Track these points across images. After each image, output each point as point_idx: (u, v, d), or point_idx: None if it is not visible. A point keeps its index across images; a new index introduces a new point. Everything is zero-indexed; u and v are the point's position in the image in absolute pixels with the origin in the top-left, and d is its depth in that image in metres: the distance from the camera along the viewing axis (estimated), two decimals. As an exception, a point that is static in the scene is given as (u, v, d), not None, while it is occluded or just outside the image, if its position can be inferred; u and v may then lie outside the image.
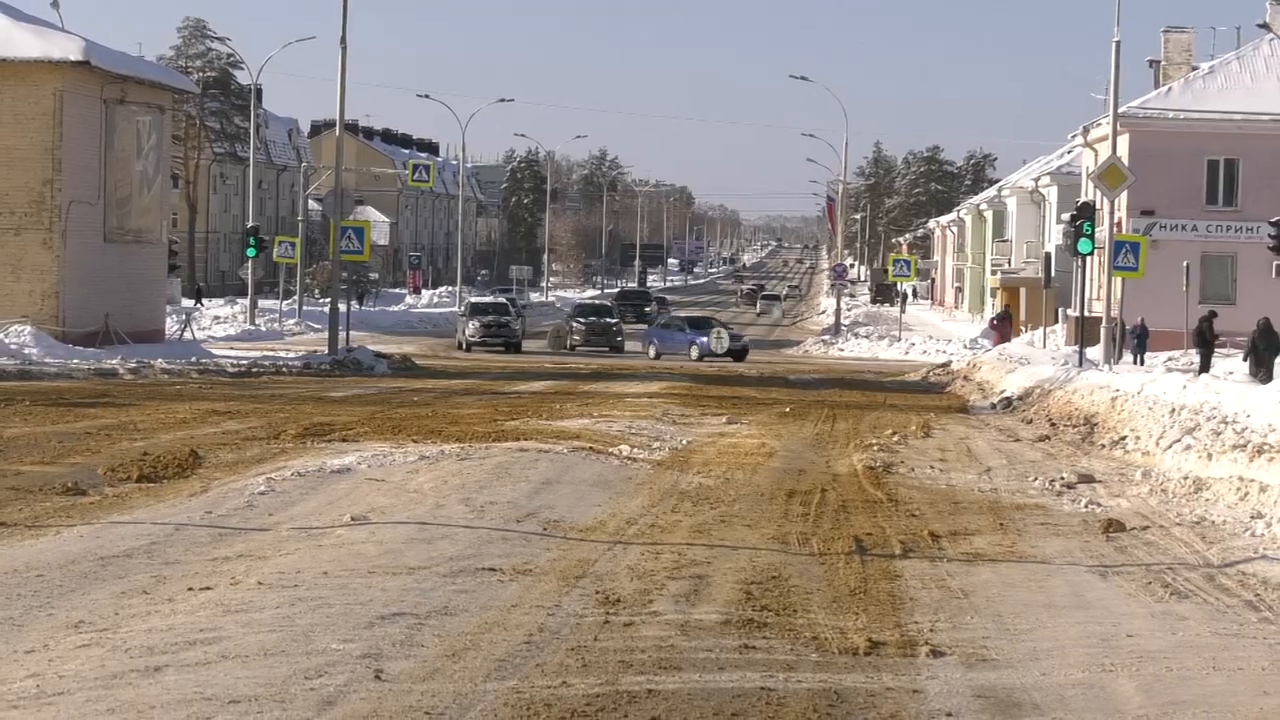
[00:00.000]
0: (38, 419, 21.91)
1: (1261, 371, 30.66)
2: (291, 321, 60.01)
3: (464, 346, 52.04)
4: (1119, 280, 37.42)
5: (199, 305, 64.07)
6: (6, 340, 34.20)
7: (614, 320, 59.43)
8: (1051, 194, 69.62)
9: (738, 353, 54.46)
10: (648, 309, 76.20)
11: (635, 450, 20.08)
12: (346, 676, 7.56)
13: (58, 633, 8.46)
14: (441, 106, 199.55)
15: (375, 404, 27.59)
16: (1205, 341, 36.66)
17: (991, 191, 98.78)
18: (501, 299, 66.15)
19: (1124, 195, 40.58)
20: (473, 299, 65.57)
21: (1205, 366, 33.63)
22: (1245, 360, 32.26)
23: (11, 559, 10.75)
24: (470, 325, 53.70)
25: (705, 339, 54.23)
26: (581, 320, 58.76)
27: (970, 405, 33.24)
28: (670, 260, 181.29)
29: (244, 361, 39.15)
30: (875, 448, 21.60)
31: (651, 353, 55.96)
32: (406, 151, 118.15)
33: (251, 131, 70.19)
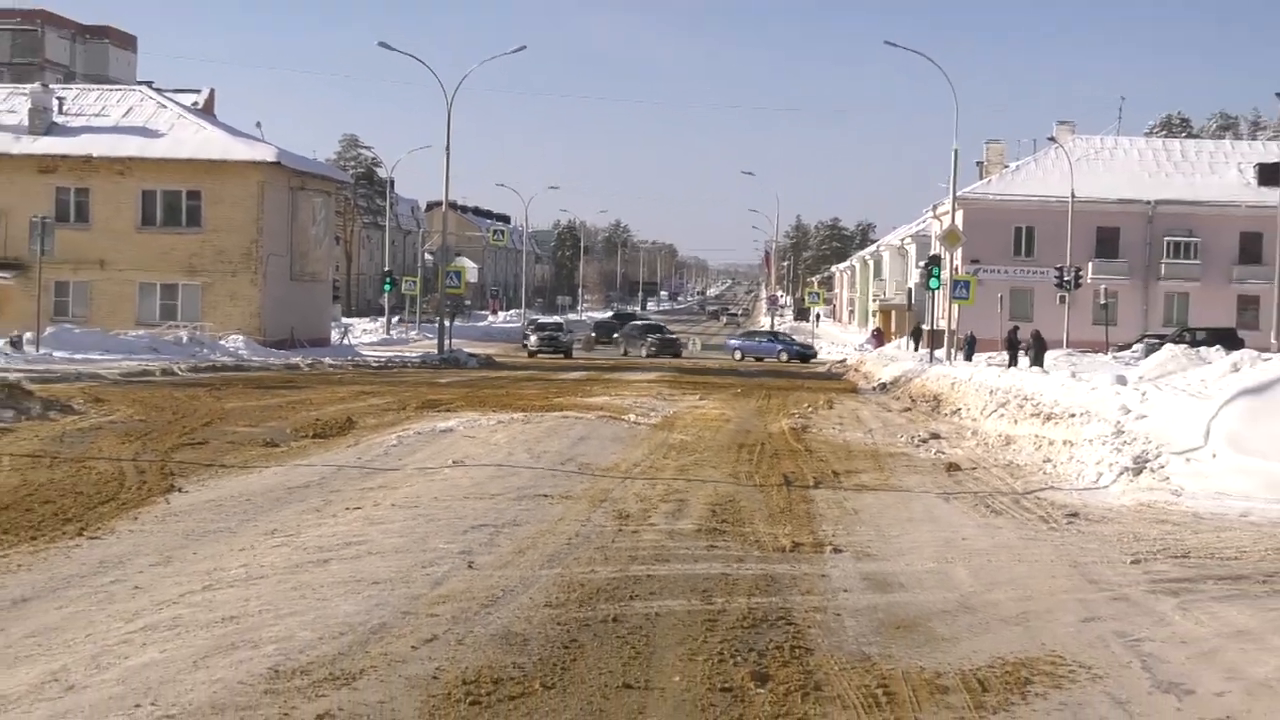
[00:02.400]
0: (247, 396, 26.30)
1: (1016, 362, 39.98)
2: (413, 332, 72.22)
3: (530, 354, 57.99)
4: (956, 306, 47.25)
5: (351, 322, 76.88)
6: (228, 345, 42.65)
7: (565, 332, 65.72)
8: (912, 249, 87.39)
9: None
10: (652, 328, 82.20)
11: (638, 417, 24.00)
12: (449, 566, 9.77)
13: (259, 537, 10.90)
14: (512, 192, 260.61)
15: (468, 387, 33.03)
16: (1012, 346, 45.56)
17: (872, 248, 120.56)
18: (558, 319, 79.81)
19: (959, 250, 51.76)
20: (538, 320, 76.60)
21: (1013, 362, 41.79)
22: (1027, 355, 42.39)
23: (229, 488, 13.79)
24: (534, 338, 61.54)
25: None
26: (539, 333, 63.90)
27: (859, 388, 41.06)
28: (662, 292, 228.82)
29: (382, 359, 48.21)
30: (796, 415, 26.18)
31: (620, 350, 68.66)
32: (489, 221, 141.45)
33: (387, 209, 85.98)
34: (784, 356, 66.63)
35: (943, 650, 7.77)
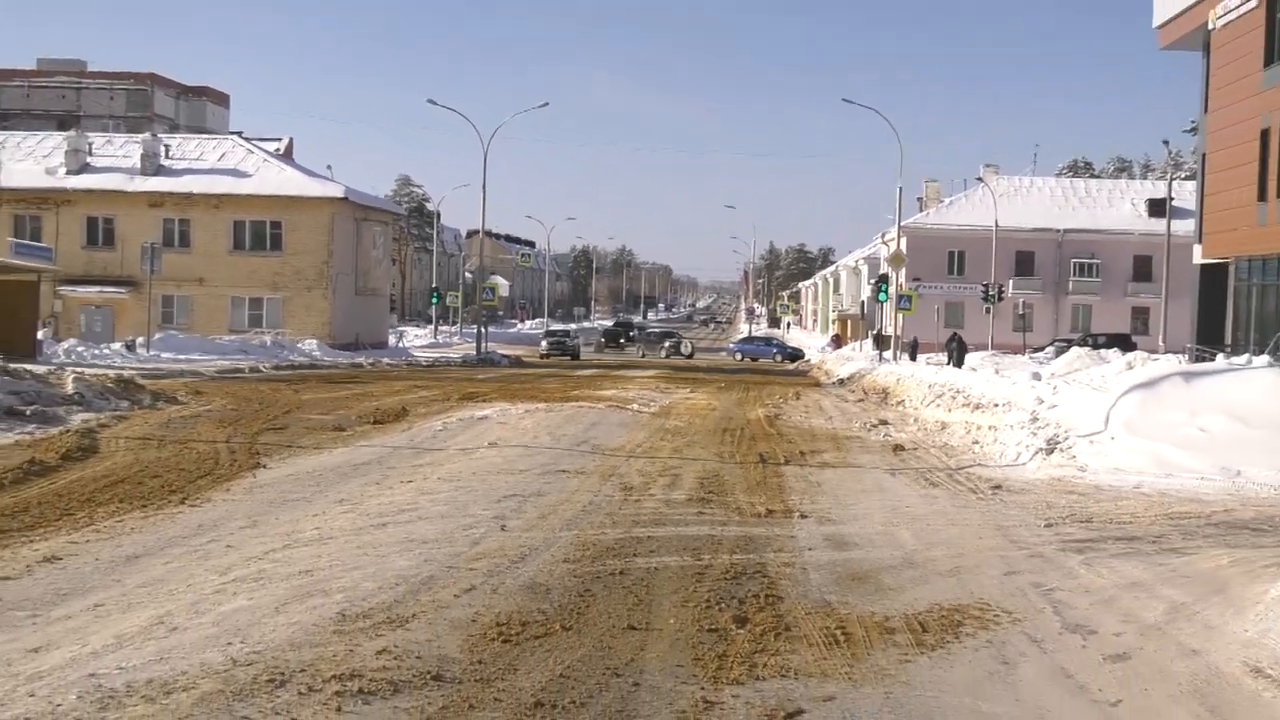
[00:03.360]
0: (319, 390, 26.74)
1: (959, 363, 38.61)
2: (455, 337, 71.50)
3: (542, 356, 56.66)
4: (901, 315, 47.58)
5: (404, 328, 76.50)
6: (303, 347, 43.41)
7: (573, 337, 64.06)
8: (864, 269, 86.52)
9: (685, 353, 66.20)
10: (631, 332, 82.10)
11: (640, 407, 23.99)
12: (485, 529, 9.81)
13: (329, 505, 10.96)
14: (537, 222, 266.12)
15: (500, 382, 32.72)
16: (950, 349, 44.17)
17: (832, 268, 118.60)
18: (567, 328, 79.35)
19: (903, 270, 52.49)
20: (548, 328, 77.07)
21: (950, 361, 40.01)
22: (954, 356, 41.24)
23: (304, 465, 13.85)
24: (545, 343, 60.38)
25: (669, 345, 67.55)
26: (549, 339, 62.78)
27: (821, 383, 40.29)
28: (660, 304, 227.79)
29: (429, 359, 48.24)
30: (770, 406, 26.20)
31: (638, 353, 67.32)
32: (518, 245, 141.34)
33: (434, 236, 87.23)
34: (778, 357, 64.75)
35: (890, 598, 7.78)
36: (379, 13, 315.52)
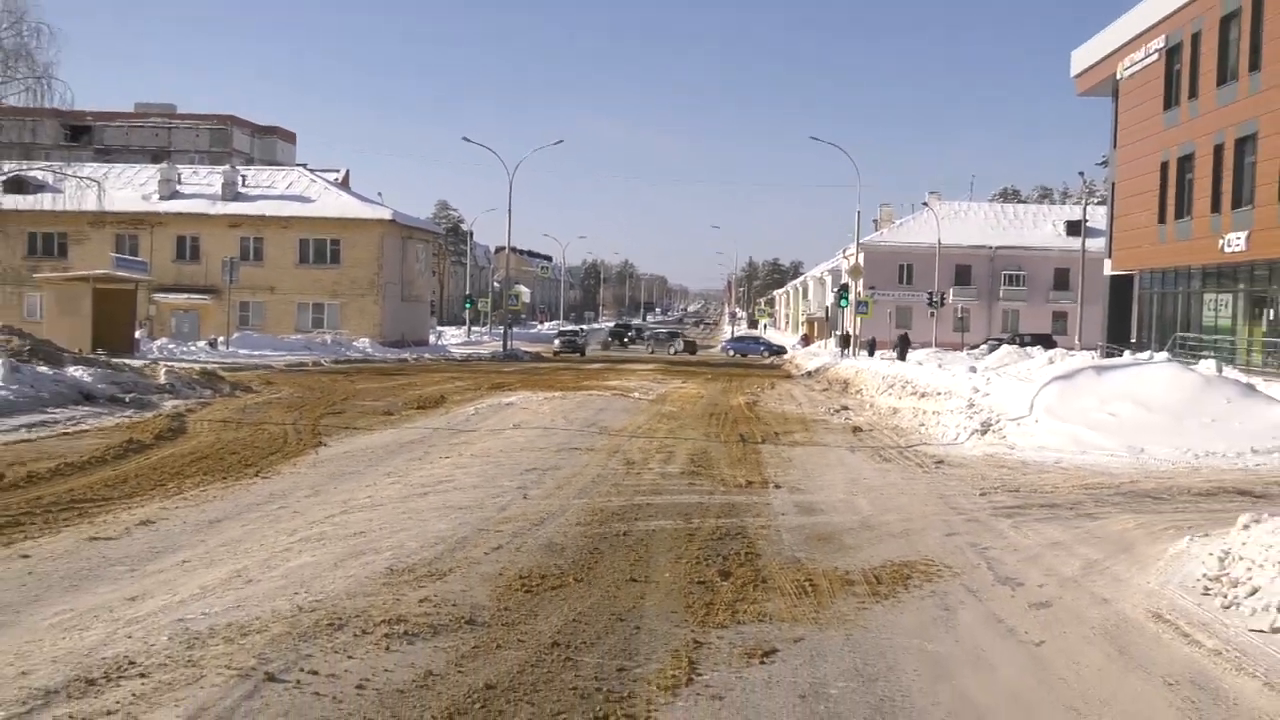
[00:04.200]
0: (371, 380, 26.57)
1: (902, 357, 39.53)
2: (485, 337, 70.87)
3: (555, 353, 55.60)
4: (859, 318, 48.87)
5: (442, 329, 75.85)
6: (358, 345, 43.16)
7: (582, 336, 62.86)
8: (829, 279, 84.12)
9: (691, 349, 64.47)
10: (631, 332, 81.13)
11: (640, 395, 23.82)
12: (510, 497, 9.76)
13: (379, 477, 10.93)
14: (554, 239, 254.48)
15: (523, 374, 32.11)
16: (899, 346, 45.14)
17: (801, 278, 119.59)
18: (576, 328, 77.71)
19: (861, 280, 51.32)
20: (560, 328, 76.73)
21: (899, 357, 40.79)
22: (899, 351, 42.41)
23: (359, 443, 13.72)
24: (557, 342, 59.00)
25: (674, 344, 65.02)
26: (560, 338, 61.51)
27: (792, 375, 39.47)
28: (657, 309, 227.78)
29: (464, 354, 48.12)
30: (749, 394, 26.02)
31: (647, 350, 64.95)
32: (538, 259, 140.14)
33: (468, 252, 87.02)
34: (765, 354, 62.41)
35: (850, 555, 7.77)
36: (425, 63, 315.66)
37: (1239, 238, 30.54)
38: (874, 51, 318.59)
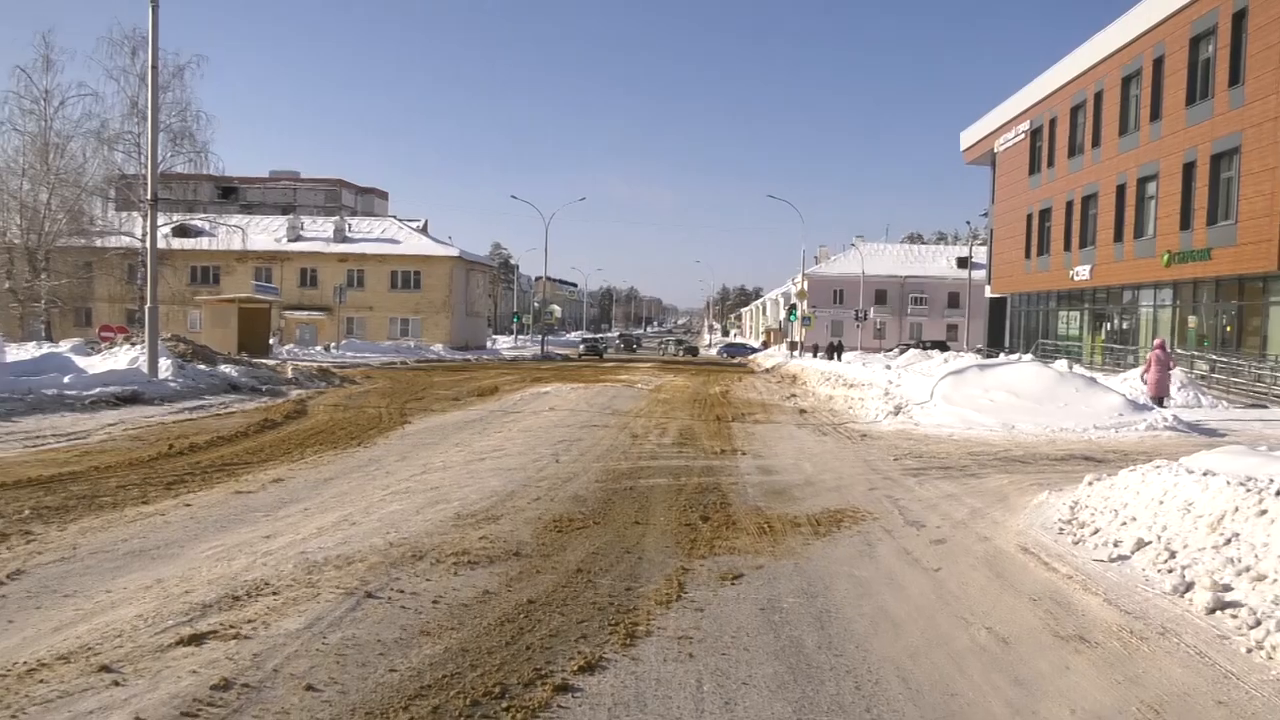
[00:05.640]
0: (443, 375, 26.30)
1: (830, 357, 39.75)
2: (528, 343, 69.28)
3: (579, 356, 54.85)
4: (804, 329, 49.88)
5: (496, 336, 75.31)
6: (434, 349, 43.01)
7: (600, 342, 61.28)
8: (781, 300, 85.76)
9: (694, 352, 62.61)
10: (635, 340, 79.90)
11: (642, 386, 23.47)
12: (546, 461, 9.71)
13: (449, 447, 10.74)
14: (579, 270, 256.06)
15: (556, 370, 31.50)
16: (834, 350, 45.15)
17: (761, 299, 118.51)
18: (597, 336, 77.28)
19: (806, 301, 55.68)
20: (584, 336, 75.97)
21: (827, 357, 40.89)
22: (829, 354, 42.64)
23: (434, 422, 13.48)
24: (582, 346, 57.91)
25: (679, 348, 64.90)
26: (584, 344, 60.41)
27: (755, 371, 37.54)
28: (653, 322, 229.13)
29: (512, 356, 47.20)
30: (723, 385, 25.37)
31: (659, 349, 65.88)
32: (567, 285, 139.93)
33: (515, 281, 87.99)
34: (750, 356, 57.90)
35: (797, 504, 7.73)
36: (486, 144, 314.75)
37: (1084, 270, 30.52)
38: (817, 129, 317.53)
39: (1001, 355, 30.74)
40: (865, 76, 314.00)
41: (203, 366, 18.75)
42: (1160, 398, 17.11)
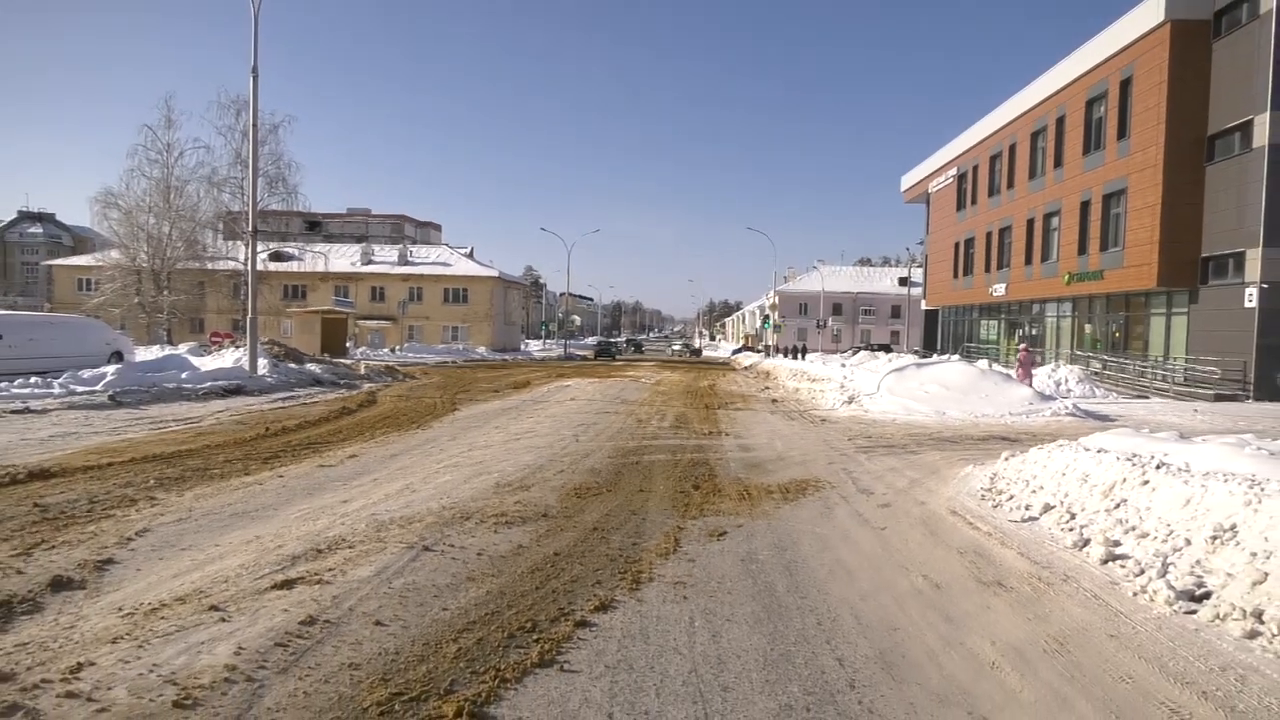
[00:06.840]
0: (486, 372, 25.43)
1: (798, 357, 37.90)
2: (554, 346, 67.92)
3: (594, 356, 53.79)
4: (776, 335, 50.04)
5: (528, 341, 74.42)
6: (478, 351, 40.56)
7: (613, 345, 59.26)
8: (758, 311, 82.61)
9: (697, 353, 58.43)
10: (640, 345, 78.99)
11: (646, 380, 22.83)
12: (567, 441, 9.53)
13: (491, 430, 10.50)
14: (594, 288, 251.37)
15: (576, 368, 30.18)
16: (797, 351, 44.82)
17: (741, 310, 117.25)
18: (609, 340, 74.31)
19: (777, 312, 54.98)
20: (600, 339, 73.35)
21: (797, 357, 39.24)
22: (794, 354, 40.83)
23: (479, 410, 13.15)
24: (596, 348, 56.54)
25: (675, 348, 59.86)
26: (596, 346, 58.81)
27: (736, 369, 36.72)
28: (654, 329, 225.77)
29: (541, 357, 44.52)
30: (711, 380, 24.51)
31: (665, 349, 63.97)
32: (585, 299, 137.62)
33: (543, 297, 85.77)
34: (734, 355, 59.05)
35: (770, 475, 7.68)
36: (523, 187, 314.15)
37: (1001, 287, 30.41)
38: (789, 170, 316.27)
39: (935, 356, 30.60)
40: (816, 139, 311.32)
41: (293, 365, 18.76)
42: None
